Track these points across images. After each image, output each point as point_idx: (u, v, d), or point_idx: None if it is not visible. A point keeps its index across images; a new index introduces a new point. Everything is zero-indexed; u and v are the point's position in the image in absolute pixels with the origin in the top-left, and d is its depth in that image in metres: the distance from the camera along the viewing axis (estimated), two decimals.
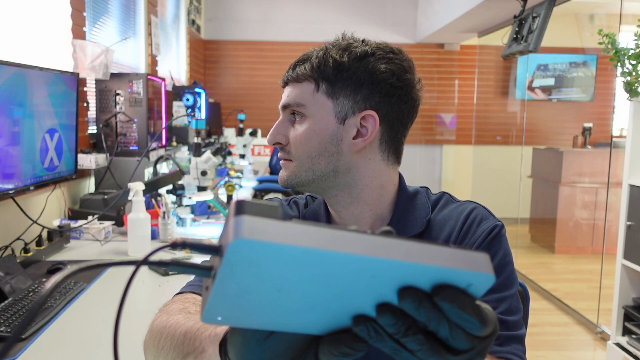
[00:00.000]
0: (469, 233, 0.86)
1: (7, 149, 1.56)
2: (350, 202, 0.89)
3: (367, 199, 0.89)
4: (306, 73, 0.86)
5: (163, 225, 2.13)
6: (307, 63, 0.86)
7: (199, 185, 2.50)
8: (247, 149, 4.81)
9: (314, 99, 0.85)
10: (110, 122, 2.54)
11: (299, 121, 0.87)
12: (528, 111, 5.95)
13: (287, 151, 0.88)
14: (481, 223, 0.86)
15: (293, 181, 0.88)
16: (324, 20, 6.23)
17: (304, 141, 0.86)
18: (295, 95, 0.86)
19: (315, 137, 0.85)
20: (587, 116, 5.92)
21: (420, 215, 0.90)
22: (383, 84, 0.84)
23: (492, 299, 0.82)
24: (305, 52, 0.90)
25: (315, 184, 0.88)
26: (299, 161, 0.87)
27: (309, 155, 0.86)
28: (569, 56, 6.06)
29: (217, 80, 6.31)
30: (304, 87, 0.86)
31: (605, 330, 3.22)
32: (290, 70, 0.89)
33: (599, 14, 5.47)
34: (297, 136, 0.86)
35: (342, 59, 0.85)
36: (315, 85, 0.85)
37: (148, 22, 3.74)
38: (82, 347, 1.21)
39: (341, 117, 0.85)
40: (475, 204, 0.91)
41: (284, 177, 0.89)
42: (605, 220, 3.94)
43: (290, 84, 0.88)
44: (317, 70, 0.85)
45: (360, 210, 0.89)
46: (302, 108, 0.86)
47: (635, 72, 2.56)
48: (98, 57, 2.36)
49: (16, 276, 1.48)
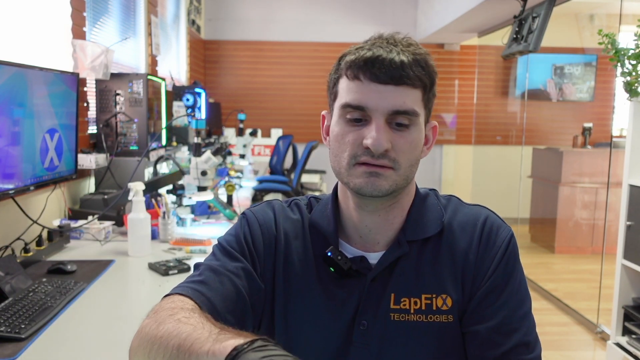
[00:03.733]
0: (489, 244, 0.86)
1: (7, 149, 1.56)
2: (392, 207, 0.88)
3: (403, 204, 0.89)
4: (422, 79, 0.81)
5: (163, 225, 2.13)
6: (418, 67, 0.81)
7: (199, 185, 2.50)
8: (247, 149, 4.81)
9: (421, 108, 0.83)
10: (110, 122, 2.54)
11: (405, 129, 0.82)
12: (528, 111, 5.95)
13: (392, 159, 0.81)
14: (498, 233, 0.87)
15: (391, 190, 0.83)
16: (324, 21, 6.23)
17: (412, 150, 0.83)
18: (413, 102, 0.81)
19: (419, 145, 0.84)
20: (587, 116, 5.92)
21: (433, 217, 0.89)
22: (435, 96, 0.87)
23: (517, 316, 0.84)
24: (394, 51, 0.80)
25: (400, 191, 0.86)
26: (402, 170, 0.82)
27: (411, 164, 0.84)
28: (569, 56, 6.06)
29: (217, 80, 6.31)
30: (417, 94, 0.81)
31: (605, 330, 3.22)
32: (400, 68, 0.79)
33: (599, 14, 5.47)
34: (407, 144, 0.82)
35: (436, 68, 0.84)
36: (423, 92, 0.82)
37: (148, 22, 3.74)
38: (82, 347, 1.21)
39: (425, 126, 0.86)
40: (486, 209, 0.92)
41: (384, 186, 0.82)
42: (605, 220, 3.94)
43: (403, 86, 0.80)
44: (428, 77, 0.82)
45: (394, 215, 0.88)
46: (417, 117, 0.82)
47: (635, 72, 2.56)
48: (98, 57, 2.36)
49: (16, 276, 1.48)
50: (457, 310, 0.84)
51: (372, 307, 0.85)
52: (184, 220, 2.40)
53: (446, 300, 0.84)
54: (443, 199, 0.94)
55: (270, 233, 0.91)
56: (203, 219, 2.58)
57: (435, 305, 0.84)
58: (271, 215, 0.93)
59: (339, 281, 0.87)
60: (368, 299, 0.85)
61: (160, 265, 1.74)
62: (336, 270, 0.86)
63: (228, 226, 2.45)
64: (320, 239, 0.90)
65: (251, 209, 0.95)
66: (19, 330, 1.21)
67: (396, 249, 0.87)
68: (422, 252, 0.87)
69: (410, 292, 0.85)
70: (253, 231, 0.91)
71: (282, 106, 6.33)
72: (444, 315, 0.84)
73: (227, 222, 2.52)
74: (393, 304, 0.84)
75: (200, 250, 2.00)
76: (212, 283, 0.81)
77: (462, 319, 0.85)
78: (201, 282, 0.82)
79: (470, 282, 0.85)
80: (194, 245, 2.06)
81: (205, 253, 1.98)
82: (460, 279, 0.85)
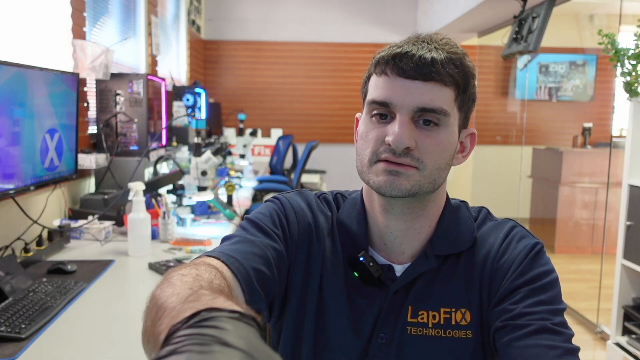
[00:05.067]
0: (508, 249, 0.82)
1: (7, 149, 1.56)
2: (420, 215, 0.83)
3: (432, 214, 0.84)
4: (455, 77, 0.77)
5: (163, 225, 2.13)
6: (451, 65, 0.76)
7: (199, 185, 2.50)
8: (247, 149, 4.81)
9: (453, 108, 0.78)
10: (110, 122, 2.55)
11: (433, 128, 0.77)
12: (528, 111, 5.95)
13: (416, 158, 0.77)
14: (521, 240, 0.83)
15: (414, 191, 0.78)
16: (324, 20, 6.23)
17: (440, 151, 0.78)
18: (442, 101, 0.76)
19: (448, 148, 0.79)
20: (587, 116, 5.92)
21: (465, 231, 0.85)
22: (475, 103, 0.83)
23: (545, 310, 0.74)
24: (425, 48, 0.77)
25: (425, 195, 0.81)
26: (427, 171, 0.78)
27: (439, 167, 0.79)
28: (569, 56, 6.06)
29: (217, 80, 6.31)
30: (448, 93, 0.77)
31: (605, 330, 3.22)
32: (430, 64, 0.75)
33: (599, 14, 5.47)
34: (434, 144, 0.77)
35: (474, 72, 0.80)
36: (456, 93, 0.78)
37: (148, 22, 3.74)
38: (82, 346, 1.21)
39: (459, 131, 0.82)
40: (515, 222, 0.87)
41: (405, 186, 0.77)
42: (605, 220, 3.94)
43: (431, 82, 0.76)
44: (462, 77, 0.78)
45: (422, 224, 0.84)
46: (446, 117, 0.77)
47: (635, 72, 2.56)
48: (98, 57, 2.36)
49: (16, 276, 1.48)
50: (476, 325, 0.80)
51: (391, 320, 0.81)
52: (184, 220, 2.40)
53: (465, 314, 0.80)
54: (474, 212, 0.90)
55: (306, 222, 0.86)
56: (203, 219, 2.58)
57: (454, 320, 0.80)
58: (304, 205, 0.88)
59: (361, 288, 0.83)
60: (388, 312, 0.81)
61: (161, 265, 1.75)
62: (361, 277, 0.82)
63: (228, 226, 2.46)
64: (348, 241, 0.85)
65: (283, 195, 0.89)
66: (19, 330, 1.21)
67: (423, 262, 0.82)
68: (453, 269, 0.83)
69: (429, 305, 0.81)
70: (288, 215, 0.85)
71: (282, 106, 6.33)
72: (462, 331, 0.80)
73: (227, 222, 2.52)
74: (410, 316, 0.81)
75: (200, 250, 2.00)
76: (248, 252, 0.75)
77: (483, 330, 0.80)
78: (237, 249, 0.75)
79: (487, 292, 0.81)
80: (194, 245, 2.06)
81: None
82: (478, 290, 0.81)
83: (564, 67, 6.07)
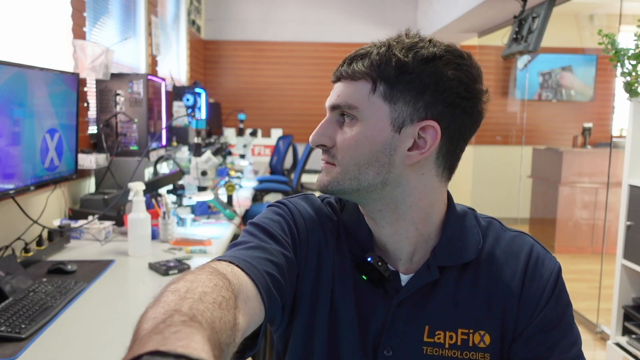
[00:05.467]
0: (535, 277, 0.80)
1: (7, 149, 1.56)
2: (396, 219, 0.80)
3: (414, 217, 0.80)
4: (364, 71, 0.75)
5: (163, 225, 2.13)
6: (366, 59, 0.76)
7: (199, 186, 2.50)
8: (247, 149, 4.81)
9: (369, 101, 0.75)
10: (110, 122, 2.55)
11: (349, 124, 0.77)
12: (528, 111, 5.95)
13: (332, 155, 0.79)
14: (544, 264, 0.81)
15: (334, 188, 0.79)
16: (324, 21, 6.23)
17: (353, 147, 0.76)
18: (348, 95, 0.76)
19: (367, 143, 0.76)
20: (587, 116, 5.92)
21: (470, 242, 0.81)
22: (449, 93, 0.74)
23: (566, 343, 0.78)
24: (363, 47, 0.78)
25: (359, 194, 0.79)
26: (344, 167, 0.77)
27: (357, 163, 0.76)
28: (569, 56, 6.06)
29: (217, 80, 6.31)
30: (359, 87, 0.76)
31: (605, 330, 3.22)
32: (344, 65, 0.78)
33: (599, 14, 5.47)
34: (346, 140, 0.77)
35: (406, 59, 0.74)
36: (372, 85, 0.75)
37: (148, 22, 3.74)
38: (82, 346, 1.21)
39: (397, 125, 0.75)
40: (529, 236, 0.85)
41: (324, 182, 0.80)
42: (605, 220, 3.94)
43: (343, 81, 0.78)
44: (377, 68, 0.75)
45: (406, 228, 0.80)
46: (355, 110, 0.76)
47: (635, 72, 2.56)
48: (98, 57, 2.36)
49: (17, 276, 1.49)
50: (495, 349, 0.78)
51: (399, 333, 0.79)
52: (184, 220, 2.40)
53: (484, 337, 0.78)
54: (483, 222, 0.86)
55: (314, 229, 0.84)
56: (203, 219, 2.58)
57: (472, 342, 0.78)
58: (312, 211, 0.86)
59: (369, 293, 0.81)
60: (393, 324, 0.79)
61: (161, 265, 1.75)
62: (369, 279, 0.80)
63: (228, 226, 2.46)
64: (354, 244, 0.83)
65: (289, 200, 0.87)
66: (19, 330, 1.21)
67: (426, 273, 0.80)
68: (460, 280, 0.80)
69: (447, 326, 0.78)
70: (297, 222, 0.83)
71: (282, 106, 6.34)
72: (480, 353, 0.78)
73: (228, 222, 2.52)
74: (427, 336, 0.78)
75: (201, 250, 2.00)
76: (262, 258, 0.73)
77: (503, 354, 0.79)
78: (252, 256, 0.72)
79: (514, 319, 0.79)
80: (194, 245, 2.06)
81: (206, 253, 1.98)
82: (501, 314, 0.79)
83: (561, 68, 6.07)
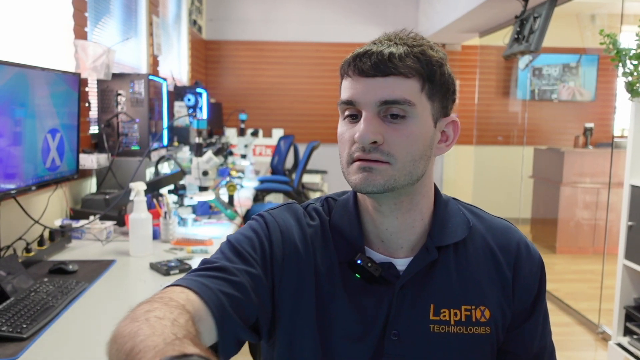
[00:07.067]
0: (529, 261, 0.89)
1: (9, 149, 1.56)
2: (409, 209, 0.84)
3: (422, 207, 0.86)
4: (417, 68, 0.79)
5: (164, 225, 2.13)
6: (411, 57, 0.79)
7: (201, 186, 2.50)
8: (248, 149, 4.81)
9: (420, 98, 0.79)
10: (111, 122, 2.55)
11: (402, 121, 0.79)
12: (529, 111, 5.95)
13: (385, 152, 0.78)
14: (532, 250, 0.90)
15: (389, 186, 0.79)
16: (325, 20, 6.23)
17: (410, 143, 0.79)
18: (404, 91, 0.78)
19: (421, 139, 0.80)
20: (588, 116, 5.91)
21: (458, 222, 0.88)
22: (453, 90, 0.85)
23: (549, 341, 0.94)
24: (383, 42, 0.81)
25: (405, 189, 0.81)
26: (400, 164, 0.78)
27: (413, 158, 0.79)
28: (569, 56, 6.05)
29: (219, 80, 6.31)
30: (412, 84, 0.78)
31: (607, 331, 3.21)
32: (387, 60, 0.78)
33: (600, 14, 5.46)
34: (402, 136, 0.78)
35: (441, 59, 0.82)
36: (421, 83, 0.79)
37: (149, 22, 3.75)
38: (83, 346, 1.21)
39: (434, 120, 0.82)
40: (511, 225, 0.93)
41: (378, 182, 0.78)
42: (606, 221, 3.93)
43: (390, 77, 0.78)
44: (427, 67, 0.79)
45: (413, 219, 0.85)
46: (412, 107, 0.78)
47: (636, 72, 2.56)
48: (100, 57, 2.37)
49: (18, 276, 1.49)
50: (494, 322, 0.85)
51: (404, 317, 0.83)
52: (186, 220, 2.40)
53: (484, 312, 0.84)
54: (464, 205, 0.93)
55: (292, 239, 0.86)
56: (204, 219, 2.58)
57: (475, 317, 0.84)
58: (292, 221, 0.88)
59: (366, 289, 0.84)
60: (399, 309, 0.83)
61: (162, 265, 1.75)
62: (363, 277, 0.83)
63: (229, 226, 2.46)
64: (344, 244, 0.86)
65: (270, 212, 0.90)
66: (20, 330, 1.21)
67: (425, 255, 0.84)
68: (456, 259, 0.86)
69: (451, 303, 0.84)
70: (272, 236, 0.85)
71: (284, 106, 6.33)
72: (482, 327, 0.84)
73: (229, 222, 2.52)
74: (433, 314, 0.83)
75: (202, 250, 2.00)
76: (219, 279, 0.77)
77: (502, 333, 0.87)
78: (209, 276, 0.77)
79: (510, 297, 0.87)
80: (195, 245, 2.06)
81: (207, 253, 1.98)
82: (500, 291, 0.86)
83: (558, 69, 6.06)
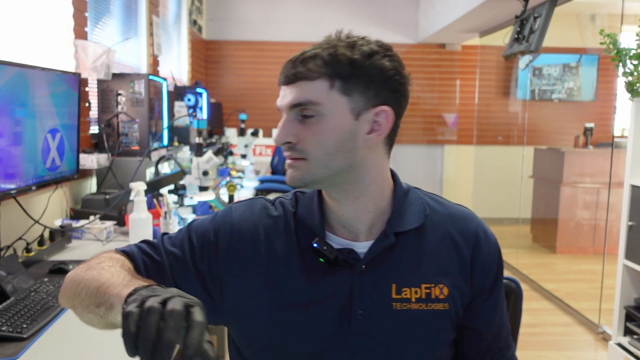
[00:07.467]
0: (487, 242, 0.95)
1: (9, 149, 1.56)
2: (358, 195, 0.90)
3: (372, 193, 0.91)
4: (320, 70, 0.85)
5: (165, 225, 2.13)
6: (318, 60, 0.85)
7: (201, 185, 2.50)
8: (248, 149, 4.81)
9: (328, 97, 0.85)
10: (111, 122, 2.55)
11: (313, 119, 0.86)
12: (529, 111, 5.95)
13: (300, 150, 0.86)
14: (488, 234, 0.96)
15: (307, 179, 0.87)
16: (325, 21, 6.22)
17: (321, 139, 0.85)
18: (308, 93, 0.85)
19: (333, 134, 0.85)
20: (588, 116, 5.91)
21: (417, 210, 0.94)
22: (390, 81, 0.87)
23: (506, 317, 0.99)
24: (306, 50, 0.88)
25: (331, 179, 0.88)
26: (315, 159, 0.86)
27: (327, 152, 0.86)
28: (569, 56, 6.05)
29: (219, 80, 6.31)
30: (318, 85, 0.85)
31: (607, 331, 3.21)
32: (297, 66, 0.86)
33: (601, 14, 5.46)
34: (312, 134, 0.85)
35: (355, 56, 0.85)
36: (330, 82, 0.85)
37: (150, 22, 3.75)
38: (83, 346, 1.22)
39: (355, 113, 0.86)
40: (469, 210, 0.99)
41: (297, 177, 0.88)
42: (606, 221, 3.93)
43: (299, 82, 0.86)
44: (332, 67, 0.85)
45: (366, 204, 0.91)
46: (318, 106, 0.85)
47: (636, 72, 2.56)
48: (100, 57, 2.37)
49: (18, 276, 1.49)
50: (452, 298, 0.91)
51: (368, 297, 0.89)
52: (186, 220, 2.40)
53: (443, 289, 0.90)
54: (426, 194, 0.99)
55: (242, 231, 0.94)
56: None
57: (434, 294, 0.90)
58: (248, 214, 0.96)
59: (329, 271, 0.89)
60: (361, 289, 0.89)
61: None
62: (326, 261, 0.89)
63: None
64: (307, 232, 0.92)
65: (232, 206, 0.99)
66: (20, 330, 1.21)
67: (383, 240, 0.90)
68: (417, 243, 0.92)
69: (411, 282, 0.90)
70: (221, 228, 0.94)
71: None
72: (441, 304, 0.90)
73: None
74: (395, 293, 0.89)
75: None
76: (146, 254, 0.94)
77: (460, 309, 0.92)
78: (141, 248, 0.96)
79: (469, 276, 0.93)
80: None
81: None
82: (459, 271, 0.92)
83: (558, 69, 6.06)
